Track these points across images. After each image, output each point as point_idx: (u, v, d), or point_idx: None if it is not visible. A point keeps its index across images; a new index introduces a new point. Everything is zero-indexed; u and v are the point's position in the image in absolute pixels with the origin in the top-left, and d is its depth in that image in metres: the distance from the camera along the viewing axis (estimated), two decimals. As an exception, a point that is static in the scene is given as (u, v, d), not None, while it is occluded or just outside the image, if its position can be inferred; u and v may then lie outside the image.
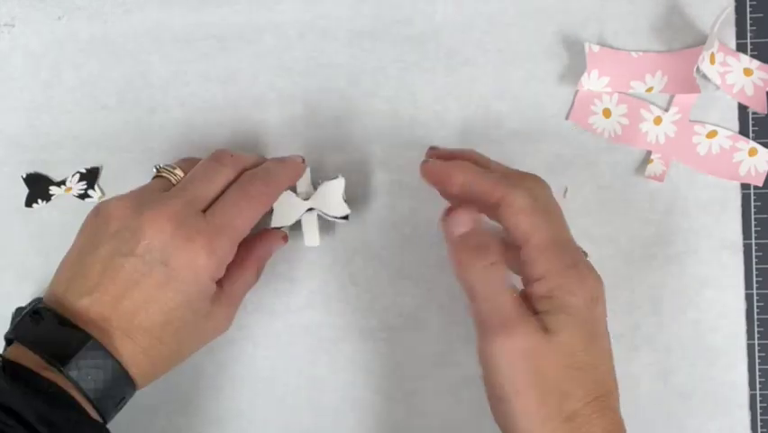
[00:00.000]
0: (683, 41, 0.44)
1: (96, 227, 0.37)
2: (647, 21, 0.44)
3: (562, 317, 0.33)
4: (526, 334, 0.33)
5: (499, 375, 0.33)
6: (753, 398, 0.43)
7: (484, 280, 0.35)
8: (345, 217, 0.43)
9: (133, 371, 0.35)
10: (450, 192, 0.37)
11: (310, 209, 0.43)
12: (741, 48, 0.44)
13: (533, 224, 0.34)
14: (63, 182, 0.46)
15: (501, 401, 0.34)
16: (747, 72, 0.44)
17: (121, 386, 0.35)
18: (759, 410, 0.43)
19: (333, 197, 0.43)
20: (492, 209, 0.36)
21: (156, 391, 0.45)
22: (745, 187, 0.44)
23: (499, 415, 0.34)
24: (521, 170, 0.38)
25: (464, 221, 0.36)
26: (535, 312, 0.34)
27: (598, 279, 0.35)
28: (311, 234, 0.44)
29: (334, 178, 0.43)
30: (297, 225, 0.43)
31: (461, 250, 0.36)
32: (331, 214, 0.43)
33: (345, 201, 0.43)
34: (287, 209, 0.43)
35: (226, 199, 0.38)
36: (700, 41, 0.44)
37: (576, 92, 0.44)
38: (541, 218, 0.35)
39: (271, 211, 0.43)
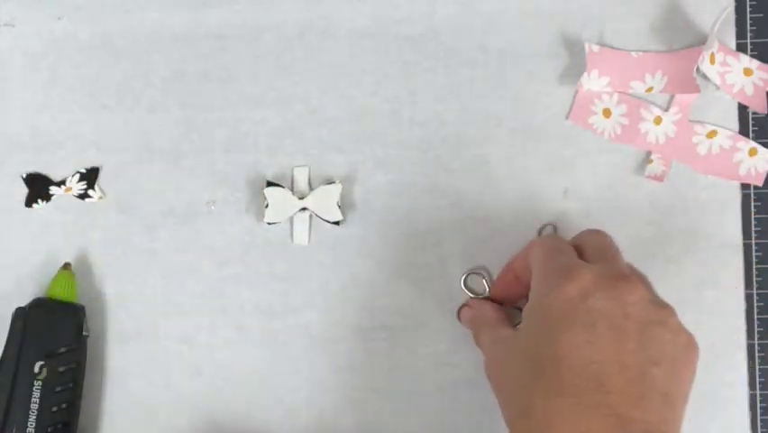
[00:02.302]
0: (683, 41, 0.44)
1: None
2: (647, 21, 0.44)
3: (525, 314, 0.35)
4: (495, 337, 0.39)
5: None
6: (753, 398, 0.43)
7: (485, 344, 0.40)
8: (337, 223, 0.44)
9: None
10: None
11: (304, 209, 0.44)
12: (741, 48, 0.44)
13: (531, 257, 0.38)
14: (63, 182, 0.46)
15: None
16: (747, 72, 0.44)
17: None
18: (759, 410, 0.43)
19: (328, 201, 0.44)
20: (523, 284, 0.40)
21: (156, 391, 0.45)
22: (745, 187, 0.44)
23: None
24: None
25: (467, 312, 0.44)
26: None
27: (594, 274, 0.34)
28: (301, 233, 0.44)
29: (332, 183, 0.44)
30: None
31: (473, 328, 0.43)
32: (324, 217, 0.44)
33: (339, 207, 0.44)
34: (281, 205, 0.44)
35: None
36: (700, 41, 0.44)
37: (576, 92, 0.44)
38: (537, 251, 0.38)
39: (267, 206, 0.44)
